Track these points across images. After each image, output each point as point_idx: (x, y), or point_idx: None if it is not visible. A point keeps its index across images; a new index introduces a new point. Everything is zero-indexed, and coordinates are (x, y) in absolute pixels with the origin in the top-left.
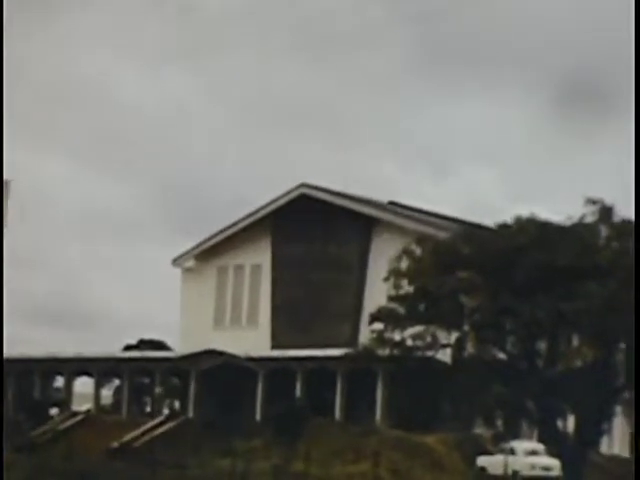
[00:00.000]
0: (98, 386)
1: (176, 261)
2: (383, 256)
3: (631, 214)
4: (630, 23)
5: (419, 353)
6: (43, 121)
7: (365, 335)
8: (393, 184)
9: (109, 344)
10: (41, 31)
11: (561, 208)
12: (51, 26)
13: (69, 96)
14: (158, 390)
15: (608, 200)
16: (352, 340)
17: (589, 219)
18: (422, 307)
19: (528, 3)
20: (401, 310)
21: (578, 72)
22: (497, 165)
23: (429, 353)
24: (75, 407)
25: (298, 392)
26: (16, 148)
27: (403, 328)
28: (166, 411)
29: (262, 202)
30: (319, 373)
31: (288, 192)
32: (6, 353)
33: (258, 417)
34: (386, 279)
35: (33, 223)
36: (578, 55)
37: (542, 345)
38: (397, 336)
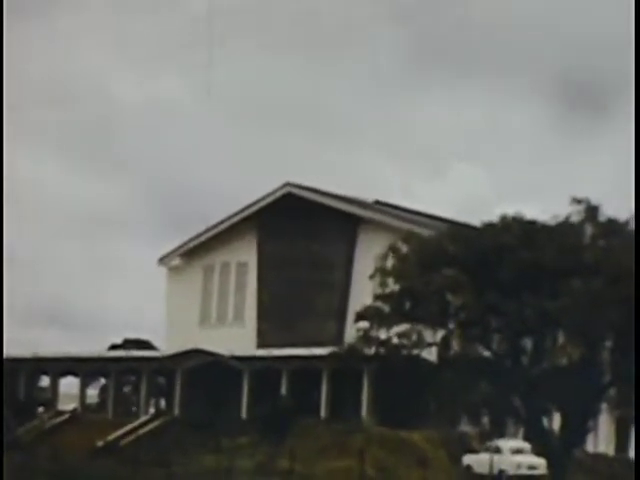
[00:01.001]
0: (84, 385)
1: (162, 260)
2: (369, 255)
3: (620, 213)
4: (630, 23)
5: (405, 352)
6: (32, 119)
7: (351, 334)
8: (383, 183)
9: (95, 343)
10: (35, 31)
11: (551, 207)
12: (45, 25)
13: (61, 95)
14: (144, 389)
15: (597, 199)
16: (338, 339)
17: (575, 218)
18: (408, 305)
19: (525, 1)
20: (387, 308)
21: (570, 72)
22: (487, 164)
23: (415, 352)
24: (61, 406)
25: (284, 390)
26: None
27: (389, 327)
28: (152, 410)
29: (248, 201)
30: (305, 372)
31: (274, 191)
32: None
33: (244, 416)
34: (372, 277)
35: (19, 222)
36: (573, 54)
37: (528, 343)
38: (383, 335)
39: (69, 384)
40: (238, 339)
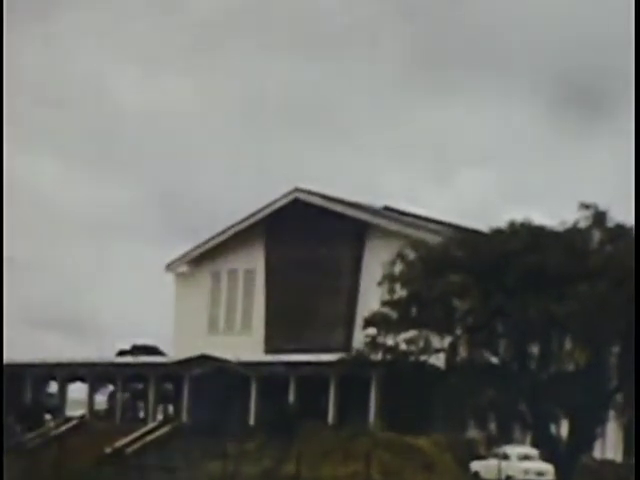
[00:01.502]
0: (92, 392)
1: (170, 266)
2: (377, 261)
3: (628, 217)
4: (630, 23)
5: (412, 358)
6: (37, 121)
7: (359, 340)
8: (389, 188)
9: (103, 349)
10: (36, 31)
11: (559, 213)
12: (46, 26)
13: (65, 97)
14: (152, 395)
15: (604, 204)
16: (345, 345)
17: (582, 224)
18: (415, 312)
19: (526, 1)
20: (394, 315)
21: (576, 74)
22: (495, 169)
23: (422, 358)
24: (69, 413)
25: (291, 397)
26: (12, 150)
27: (396, 333)
28: (160, 416)
29: (256, 206)
30: (312, 378)
31: (282, 197)
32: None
33: (252, 422)
34: (380, 284)
35: (26, 226)
36: (576, 56)
37: (535, 349)
38: (390, 341)
39: (77, 389)
40: (246, 346)
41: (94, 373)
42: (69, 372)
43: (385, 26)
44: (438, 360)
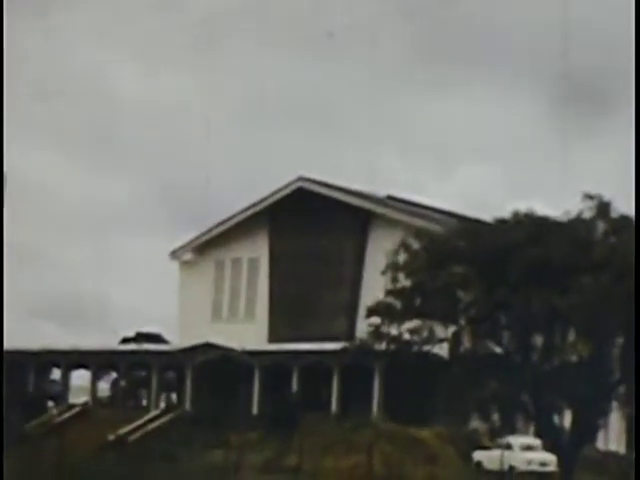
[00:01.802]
0: (95, 379)
1: (174, 254)
2: (380, 250)
3: (630, 210)
4: (630, 23)
5: (416, 347)
6: (40, 116)
7: (362, 330)
8: (394, 180)
9: (106, 337)
10: (37, 26)
11: (563, 204)
12: (47, 22)
13: (66, 92)
14: (155, 383)
15: (607, 196)
16: (349, 334)
17: (586, 214)
18: (418, 301)
19: (526, 1)
20: (398, 304)
21: (577, 70)
22: (498, 161)
23: (426, 347)
24: (72, 400)
25: (295, 386)
26: (14, 143)
27: (400, 322)
28: (163, 404)
29: (260, 195)
30: (316, 367)
31: (286, 185)
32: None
33: (255, 411)
34: (383, 273)
35: (29, 217)
36: (577, 52)
37: (538, 340)
38: (394, 330)
39: (81, 377)
40: (250, 335)
41: (97, 360)
42: (72, 359)
43: (385, 26)
44: (442, 350)
